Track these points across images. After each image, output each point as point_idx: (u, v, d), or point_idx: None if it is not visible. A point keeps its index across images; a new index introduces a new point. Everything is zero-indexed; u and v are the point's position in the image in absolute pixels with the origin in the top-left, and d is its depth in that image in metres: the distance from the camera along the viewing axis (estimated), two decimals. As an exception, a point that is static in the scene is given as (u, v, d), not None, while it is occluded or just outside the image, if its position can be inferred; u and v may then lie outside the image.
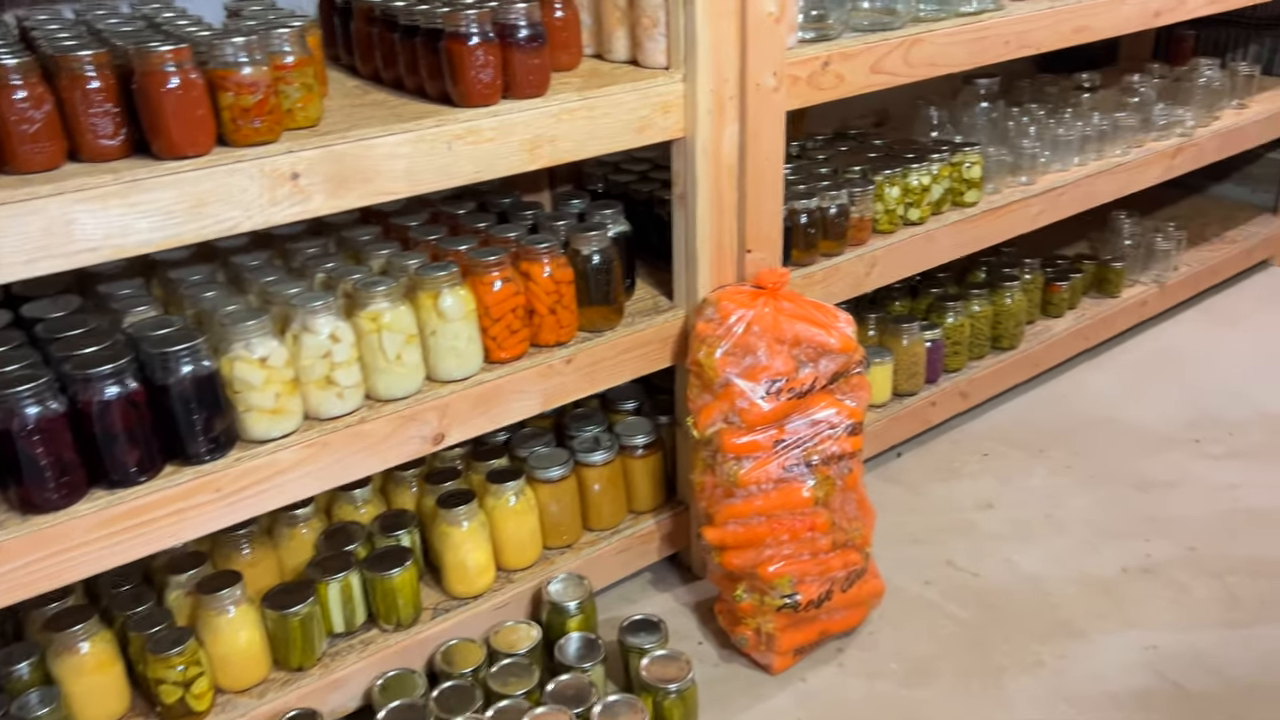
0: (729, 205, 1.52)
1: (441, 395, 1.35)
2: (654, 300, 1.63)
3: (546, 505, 1.57)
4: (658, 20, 1.43)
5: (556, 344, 1.46)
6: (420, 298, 1.33)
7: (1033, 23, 1.82)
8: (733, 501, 1.50)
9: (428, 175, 1.24)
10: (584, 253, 1.47)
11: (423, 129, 1.22)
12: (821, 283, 1.74)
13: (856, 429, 1.52)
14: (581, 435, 1.64)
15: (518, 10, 1.27)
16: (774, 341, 1.47)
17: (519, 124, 1.29)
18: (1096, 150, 2.20)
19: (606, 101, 1.36)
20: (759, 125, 1.49)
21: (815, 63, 1.54)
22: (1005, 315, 2.16)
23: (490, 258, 1.38)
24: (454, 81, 1.26)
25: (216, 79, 1.09)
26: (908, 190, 1.84)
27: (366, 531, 1.50)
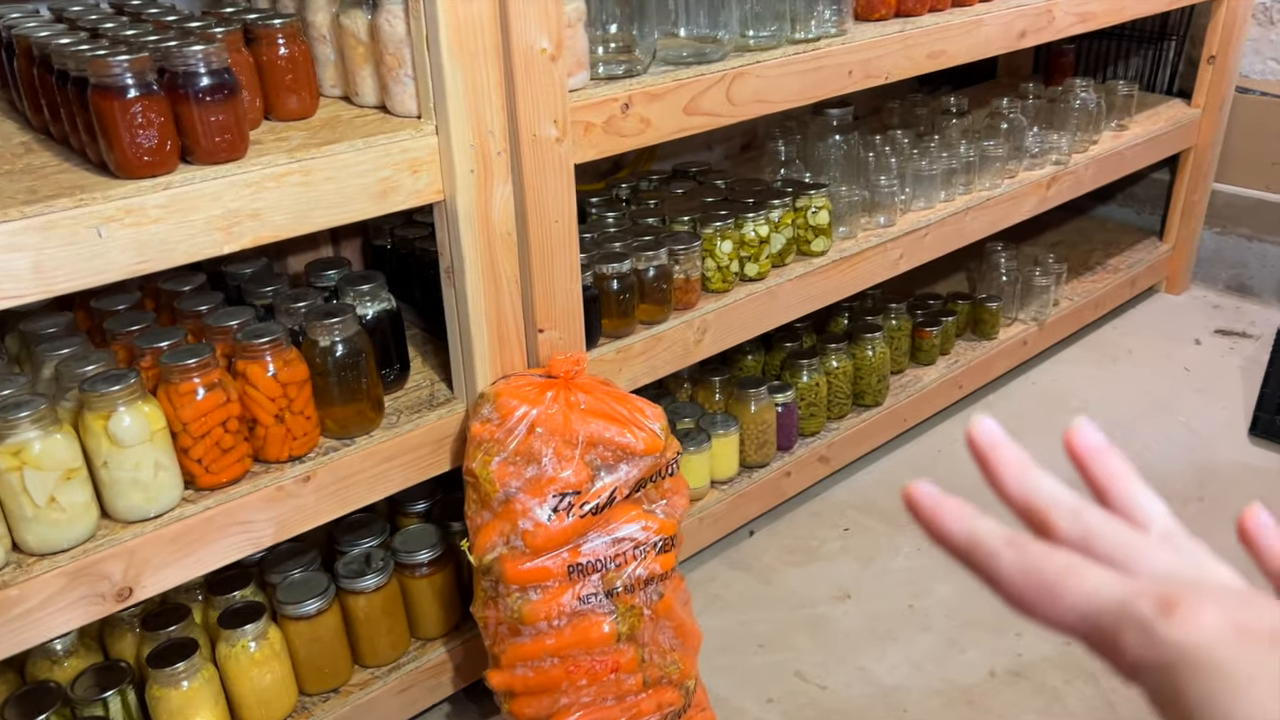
0: (508, 279, 1.26)
1: (124, 540, 1.06)
2: (431, 389, 1.36)
3: (300, 646, 1.29)
4: (403, 59, 1.15)
5: (289, 459, 1.18)
6: (87, 419, 1.04)
7: (879, 49, 1.59)
8: (520, 640, 1.24)
9: (68, 271, 0.95)
10: (323, 344, 1.19)
11: (55, 211, 0.93)
12: (641, 355, 1.48)
13: (668, 544, 1.27)
14: (349, 553, 1.36)
15: (193, 54, 0.99)
16: (564, 445, 1.21)
17: (204, 198, 1.01)
18: (964, 183, 2.00)
19: (329, 163, 1.08)
20: (540, 183, 1.23)
21: (612, 105, 1.28)
22: (868, 369, 1.95)
23: (190, 360, 1.09)
24: (108, 146, 0.97)
25: None
26: (743, 243, 1.60)
27: (64, 694, 1.20)
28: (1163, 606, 0.30)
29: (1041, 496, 0.36)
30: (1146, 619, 0.30)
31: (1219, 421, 2.16)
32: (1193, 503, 1.90)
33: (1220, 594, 0.31)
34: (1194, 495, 1.92)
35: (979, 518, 0.35)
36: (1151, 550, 0.34)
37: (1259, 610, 0.30)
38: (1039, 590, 0.33)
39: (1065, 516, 0.35)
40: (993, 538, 0.34)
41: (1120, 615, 0.30)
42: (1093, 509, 0.35)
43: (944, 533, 0.35)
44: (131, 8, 1.27)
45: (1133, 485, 0.37)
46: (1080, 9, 1.97)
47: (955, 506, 0.35)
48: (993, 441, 0.37)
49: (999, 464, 0.37)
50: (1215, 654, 0.29)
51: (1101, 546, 0.34)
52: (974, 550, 0.34)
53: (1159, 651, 0.30)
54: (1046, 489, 0.36)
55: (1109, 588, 0.31)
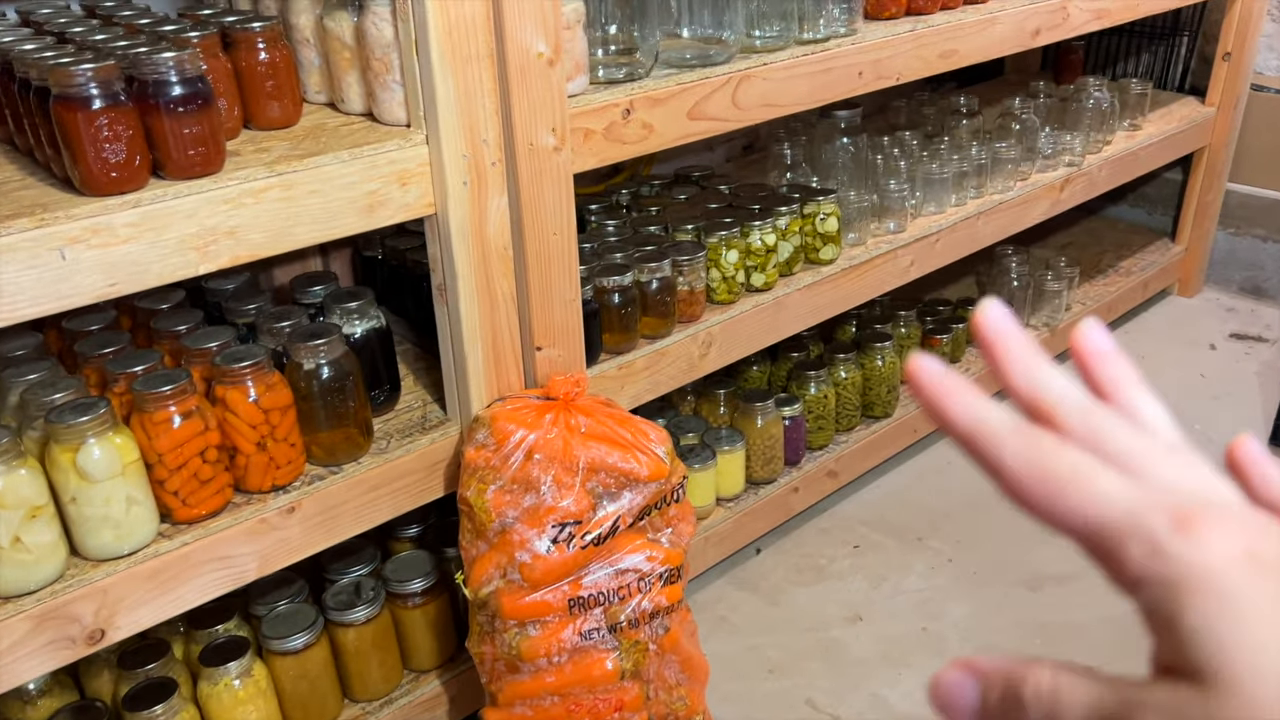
0: (504, 295, 1.19)
1: (95, 580, 1.00)
2: (423, 411, 1.29)
3: (287, 682, 1.23)
4: (390, 64, 1.09)
5: (273, 489, 1.11)
6: (54, 452, 0.97)
7: (890, 49, 1.53)
8: (519, 678, 1.17)
9: (30, 295, 0.88)
10: (307, 367, 1.12)
11: (14, 233, 0.86)
12: (644, 371, 1.42)
13: (674, 575, 1.20)
14: (338, 583, 1.30)
15: (164, 61, 0.92)
16: (563, 472, 1.14)
17: (177, 215, 0.94)
18: (976, 186, 1.93)
19: (312, 176, 1.01)
20: (537, 195, 1.16)
21: (613, 111, 1.22)
22: (877, 379, 1.88)
23: (165, 387, 1.02)
24: (73, 161, 0.90)
25: None
26: (749, 252, 1.53)
27: (36, 738, 1.14)
28: (1177, 522, 0.28)
29: (1050, 391, 0.33)
30: (1157, 532, 0.28)
31: (1237, 430, 2.09)
32: (1213, 517, 1.84)
33: (1235, 515, 0.29)
34: (1214, 509, 1.86)
35: (986, 401, 0.32)
36: (1162, 459, 0.32)
37: (1273, 537, 0.29)
38: (1044, 486, 0.30)
39: (1073, 414, 0.32)
40: (1000, 424, 0.31)
41: (1129, 524, 0.29)
42: (1103, 409, 0.33)
43: (947, 415, 0.32)
44: (104, 10, 1.20)
45: (1138, 393, 0.35)
46: (1095, 5, 1.90)
47: (962, 387, 0.32)
48: (1001, 329, 0.34)
49: (1006, 353, 0.34)
50: (1224, 578, 0.27)
51: (1110, 449, 0.31)
52: (978, 436, 0.31)
53: (1166, 567, 0.28)
54: (1056, 384, 0.33)
55: (1120, 494, 0.29)
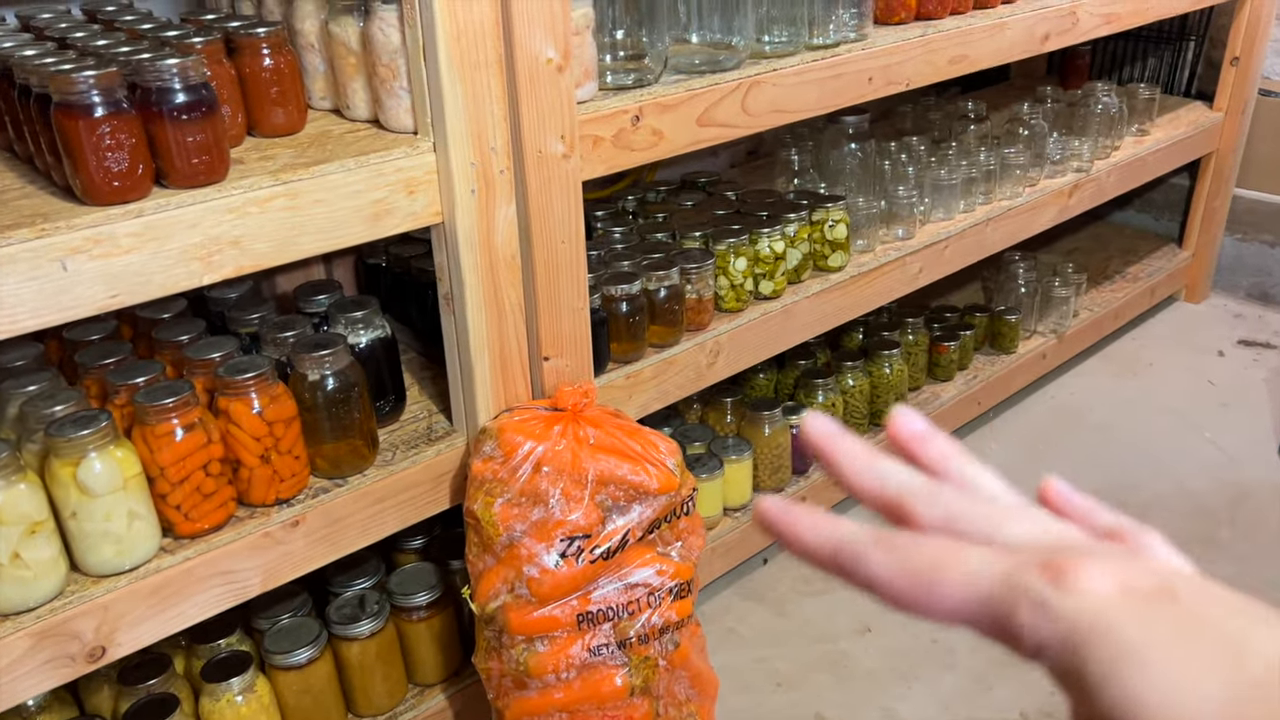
0: (512, 305, 1.17)
1: (96, 596, 0.98)
2: (429, 421, 1.27)
3: (290, 697, 1.21)
4: (397, 70, 1.07)
5: (276, 502, 1.09)
6: (53, 466, 0.95)
7: (900, 54, 1.51)
8: (526, 694, 1.15)
9: (31, 307, 0.86)
10: (312, 378, 1.10)
11: (14, 243, 0.84)
12: (652, 380, 1.40)
13: (685, 590, 1.18)
14: (342, 596, 1.28)
15: (167, 68, 0.90)
16: (572, 485, 1.12)
17: (180, 225, 0.92)
18: (984, 193, 1.91)
19: (318, 184, 0.99)
20: (546, 203, 1.14)
21: (622, 118, 1.20)
22: (885, 387, 1.86)
23: (168, 399, 1.00)
24: (74, 169, 0.88)
25: None
26: (758, 259, 1.51)
27: (35, 754, 1.12)
28: (1051, 575, 0.28)
29: (893, 483, 0.34)
30: (1038, 592, 0.28)
31: (1247, 438, 2.08)
32: (1224, 526, 1.82)
33: (1095, 554, 0.29)
34: (1225, 518, 1.84)
35: (838, 522, 0.32)
36: (1013, 521, 0.32)
37: (1138, 567, 0.29)
38: (916, 584, 0.30)
39: (922, 500, 0.33)
40: (856, 539, 0.32)
41: (1010, 593, 0.29)
42: (947, 488, 0.33)
43: (804, 545, 0.32)
44: (105, 15, 1.18)
45: (965, 463, 0.36)
46: (1105, 10, 1.89)
47: (809, 515, 0.33)
48: (830, 436, 0.35)
49: (842, 457, 0.35)
50: (1109, 619, 0.27)
51: (965, 525, 0.32)
52: (838, 557, 0.32)
53: (1057, 625, 0.28)
54: (897, 475, 0.34)
55: (990, 566, 0.29)
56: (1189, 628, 0.27)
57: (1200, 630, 0.27)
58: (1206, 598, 0.28)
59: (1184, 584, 0.28)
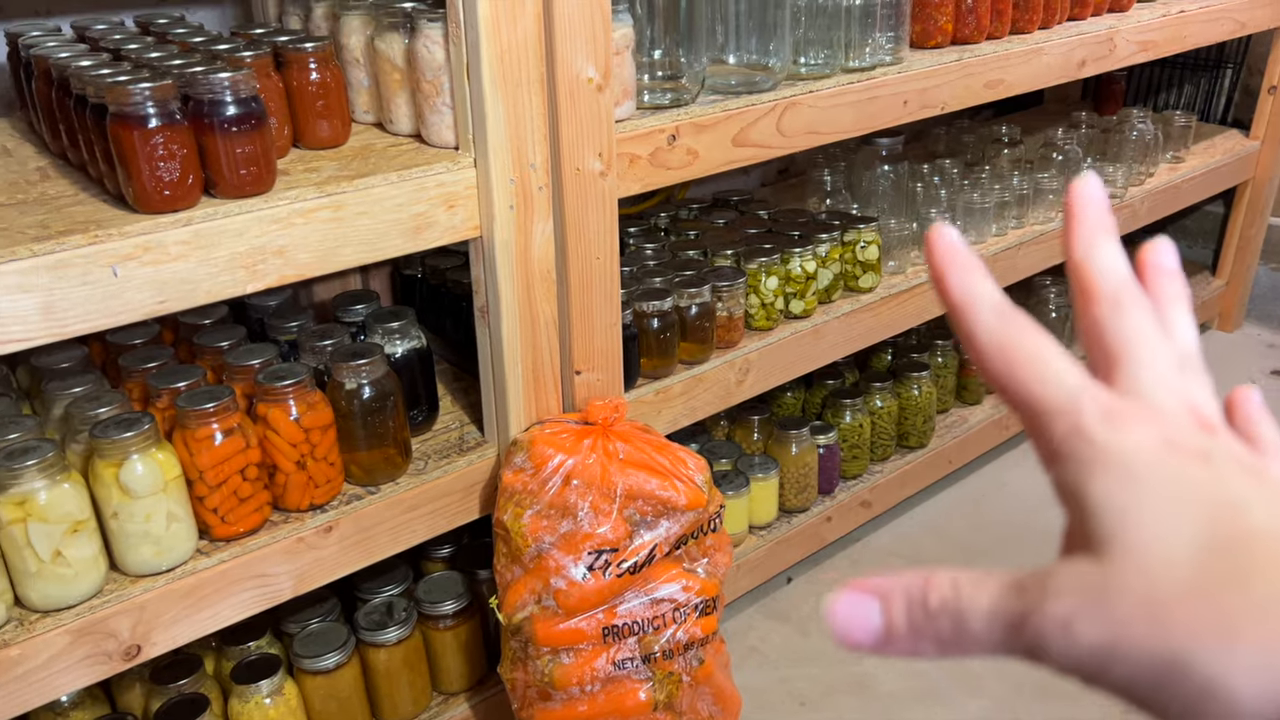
0: (546, 320, 1.19)
1: (133, 595, 1.00)
2: (461, 432, 1.29)
3: (318, 701, 1.22)
4: (440, 87, 1.09)
5: (310, 507, 1.11)
6: (97, 467, 0.97)
7: (936, 79, 1.52)
8: (550, 706, 1.16)
9: (81, 312, 0.88)
10: (349, 387, 1.12)
11: (67, 249, 0.86)
12: (681, 396, 1.41)
13: (710, 606, 1.19)
14: (370, 602, 1.29)
15: (219, 82, 0.92)
16: (601, 498, 1.13)
17: (227, 234, 0.94)
18: (1017, 217, 1.91)
19: (361, 197, 1.01)
20: (582, 219, 1.16)
21: (659, 136, 1.21)
22: (914, 409, 1.86)
23: (208, 404, 1.02)
24: (127, 178, 0.91)
25: None
26: (789, 279, 1.52)
27: (67, 750, 1.14)
28: (1108, 412, 0.30)
29: (1097, 265, 0.34)
30: (1084, 416, 0.30)
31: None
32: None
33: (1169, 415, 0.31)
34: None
35: (985, 282, 0.34)
36: (1154, 358, 0.33)
37: (1196, 436, 0.30)
38: (1004, 360, 0.32)
39: (1105, 293, 0.34)
40: (985, 301, 0.33)
41: (1064, 405, 0.31)
42: (1134, 300, 0.34)
43: (946, 283, 0.34)
44: (157, 27, 1.21)
45: (1178, 310, 0.36)
46: (1142, 38, 1.89)
47: (968, 264, 0.34)
48: (1090, 199, 0.35)
49: (1080, 223, 0.35)
50: (1133, 457, 0.29)
51: (1113, 336, 0.33)
52: (963, 308, 0.33)
53: (1082, 445, 0.30)
54: (1107, 261, 0.34)
55: (1066, 382, 0.31)
56: (1204, 484, 0.29)
57: (1213, 488, 0.29)
58: (1238, 470, 0.29)
59: (1224, 454, 0.30)
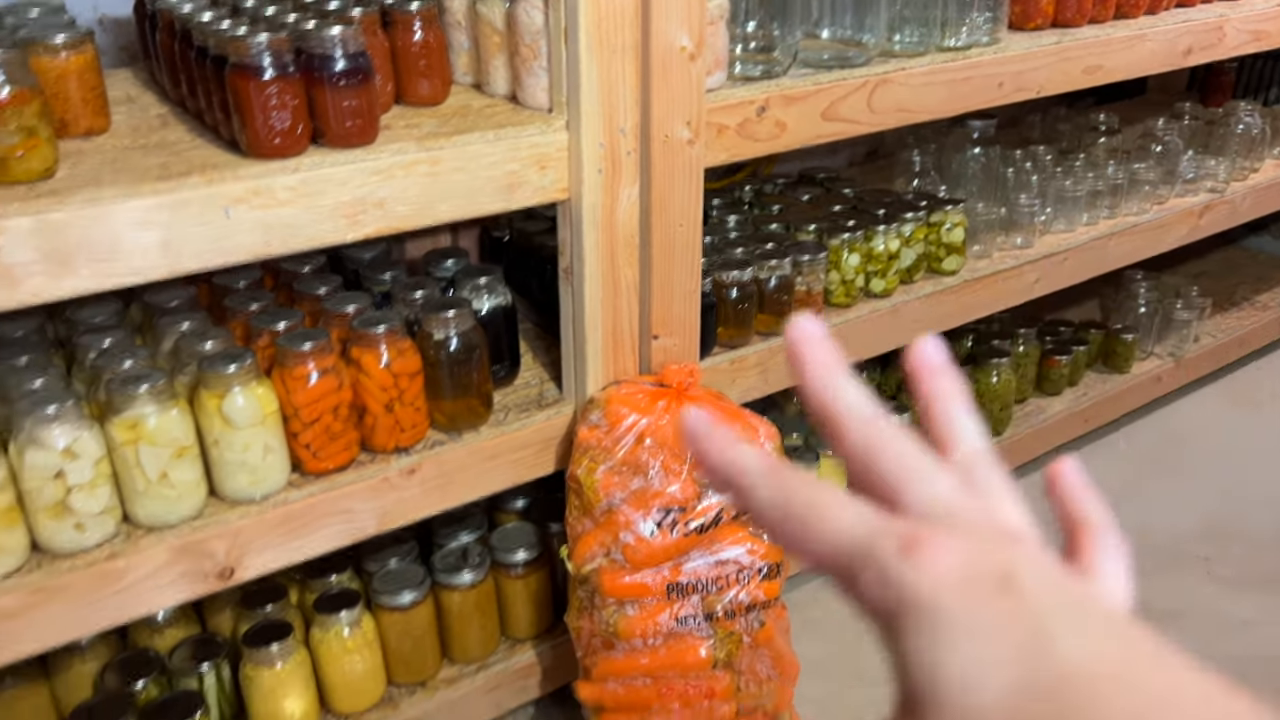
0: (628, 283, 1.22)
1: (229, 520, 1.06)
2: (540, 389, 1.33)
3: (392, 637, 1.28)
4: (538, 50, 1.12)
5: (396, 450, 1.16)
6: (202, 397, 1.03)
7: (1032, 61, 1.50)
8: (613, 655, 1.20)
9: (195, 249, 0.94)
10: (437, 337, 1.17)
11: (186, 189, 0.92)
12: (756, 367, 1.43)
13: (774, 571, 1.21)
14: (447, 547, 1.35)
15: (331, 37, 0.97)
16: (672, 459, 1.16)
17: (331, 183, 0.99)
18: (1109, 207, 1.88)
19: (458, 154, 1.06)
20: (668, 186, 1.18)
21: (748, 108, 1.23)
22: (991, 396, 1.85)
23: (305, 344, 1.08)
24: (241, 125, 0.96)
25: None
26: (871, 256, 1.52)
27: (162, 663, 1.21)
28: (904, 546, 0.29)
29: (841, 401, 0.34)
30: (885, 559, 0.29)
31: (1374, 480, 1.99)
32: (1340, 568, 1.75)
33: (967, 534, 0.29)
34: (1342, 560, 1.77)
35: (743, 445, 0.33)
36: (932, 476, 0.32)
37: (998, 554, 0.28)
38: (789, 522, 0.31)
39: (855, 427, 0.33)
40: (752, 468, 0.32)
41: (865, 554, 0.29)
42: (887, 424, 0.33)
43: (709, 464, 0.33)
44: (273, -15, 1.27)
45: (955, 408, 0.36)
46: (1254, 27, 1.83)
47: (722, 437, 0.33)
48: (810, 337, 0.35)
49: (809, 361, 0.34)
50: (937, 599, 0.27)
51: (881, 464, 0.32)
52: (733, 480, 0.32)
53: (891, 593, 0.28)
54: (847, 395, 0.34)
55: (858, 524, 0.30)
56: (1009, 619, 0.27)
57: (1019, 623, 0.27)
58: (1046, 591, 0.28)
59: (1029, 573, 0.28)
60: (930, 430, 0.36)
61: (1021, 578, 0.28)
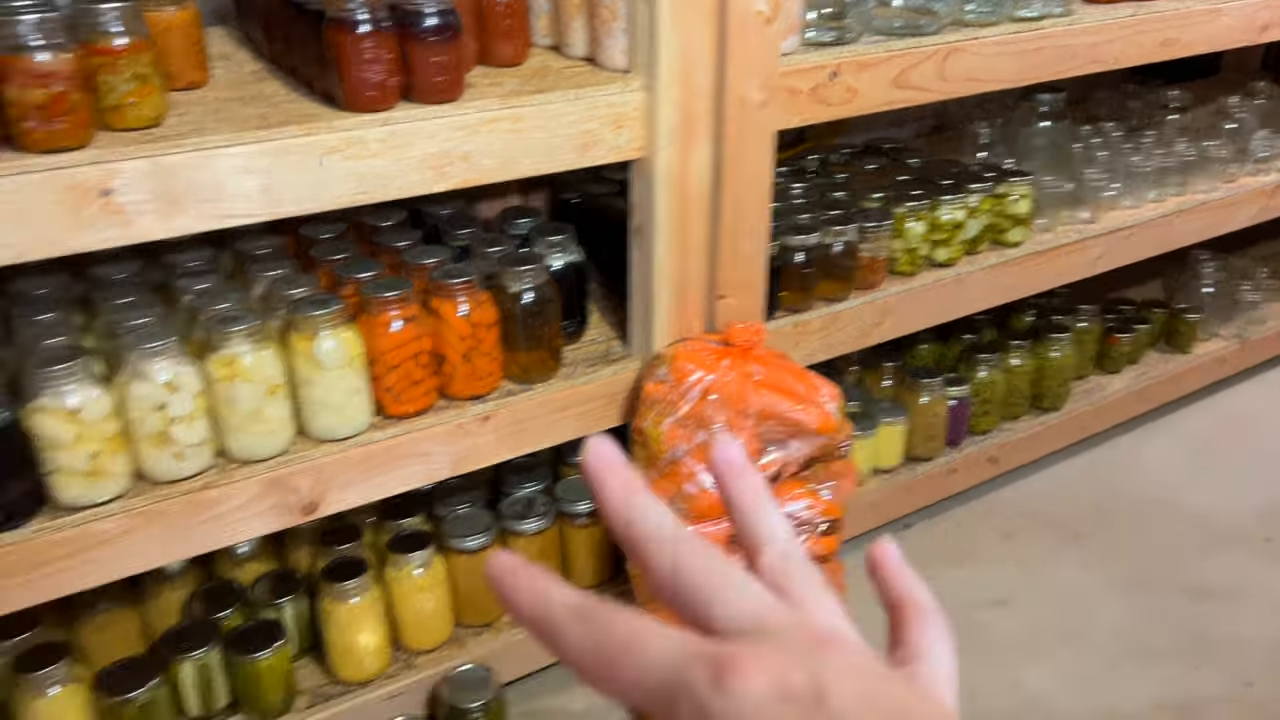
0: (697, 243, 1.25)
1: (314, 457, 1.12)
2: (607, 345, 1.37)
3: (461, 578, 1.33)
4: (618, 12, 1.15)
5: (472, 397, 1.21)
6: (293, 339, 1.09)
7: (1107, 33, 1.50)
8: (672, 602, 1.24)
9: (291, 195, 0.99)
10: (513, 290, 1.21)
11: (285, 138, 0.97)
12: (819, 332, 1.45)
13: (833, 528, 1.24)
14: (514, 495, 1.39)
15: (423, -6, 1.01)
16: (736, 415, 1.20)
17: (419, 136, 1.03)
18: (1178, 184, 1.86)
19: (539, 111, 1.09)
20: (740, 147, 1.21)
21: (820, 73, 1.25)
22: (1051, 371, 1.85)
23: (390, 293, 1.13)
24: (337, 79, 1.01)
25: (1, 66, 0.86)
26: (936, 226, 1.54)
27: (245, 595, 1.28)
28: (715, 674, 0.28)
29: (643, 526, 0.33)
30: (698, 689, 0.28)
31: None
32: (1403, 553, 1.74)
33: (778, 647, 0.29)
34: (1405, 546, 1.76)
35: (552, 588, 0.31)
36: (739, 588, 0.31)
37: (811, 665, 0.28)
38: (599, 665, 0.30)
39: (659, 549, 0.32)
40: (561, 611, 0.31)
41: (677, 687, 0.28)
42: (690, 541, 0.32)
43: (516, 606, 0.32)
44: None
45: (759, 504, 0.35)
46: (1335, 3, 1.80)
47: (531, 579, 0.32)
48: (607, 462, 0.34)
49: (608, 486, 0.33)
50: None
51: (688, 583, 0.32)
52: (542, 625, 0.31)
53: None
54: (645, 521, 0.33)
55: (667, 655, 0.29)
56: None
57: None
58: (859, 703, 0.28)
59: (843, 685, 0.28)
60: (737, 532, 0.35)
61: (834, 692, 0.28)
